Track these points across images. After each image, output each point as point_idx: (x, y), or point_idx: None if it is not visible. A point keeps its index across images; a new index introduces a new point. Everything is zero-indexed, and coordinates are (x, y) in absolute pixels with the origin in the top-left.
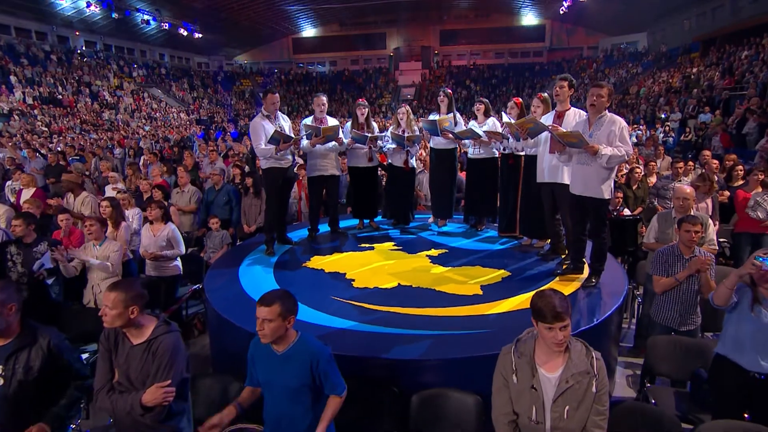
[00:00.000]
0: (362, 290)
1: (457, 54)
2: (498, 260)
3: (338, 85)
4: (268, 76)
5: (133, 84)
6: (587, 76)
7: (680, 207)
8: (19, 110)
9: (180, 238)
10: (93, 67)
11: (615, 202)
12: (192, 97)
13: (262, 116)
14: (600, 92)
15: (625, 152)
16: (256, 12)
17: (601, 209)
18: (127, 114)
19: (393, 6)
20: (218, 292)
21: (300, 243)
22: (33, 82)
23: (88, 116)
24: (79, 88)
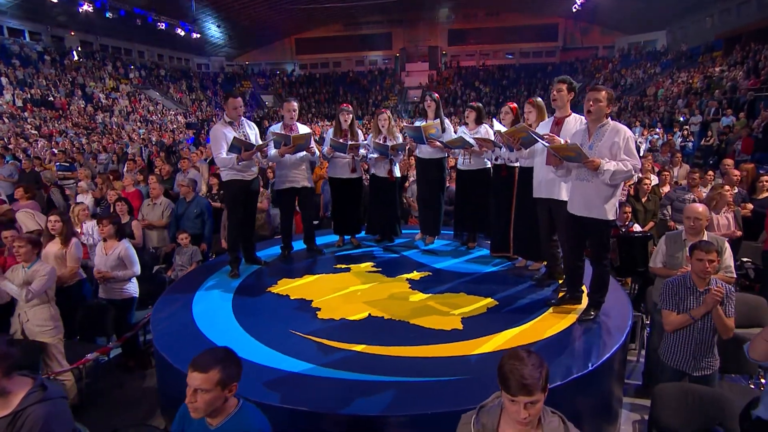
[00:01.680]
0: (326, 322)
1: (466, 54)
2: (486, 286)
3: (341, 86)
4: (269, 78)
5: (130, 86)
6: (602, 77)
7: (691, 228)
8: (8, 113)
9: (134, 256)
10: (88, 69)
11: (623, 217)
12: (190, 99)
13: (223, 123)
14: (597, 96)
15: (632, 167)
16: (257, 11)
17: (603, 232)
18: (122, 117)
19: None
20: (164, 322)
21: (270, 263)
22: (25, 83)
23: (81, 119)
24: (72, 90)
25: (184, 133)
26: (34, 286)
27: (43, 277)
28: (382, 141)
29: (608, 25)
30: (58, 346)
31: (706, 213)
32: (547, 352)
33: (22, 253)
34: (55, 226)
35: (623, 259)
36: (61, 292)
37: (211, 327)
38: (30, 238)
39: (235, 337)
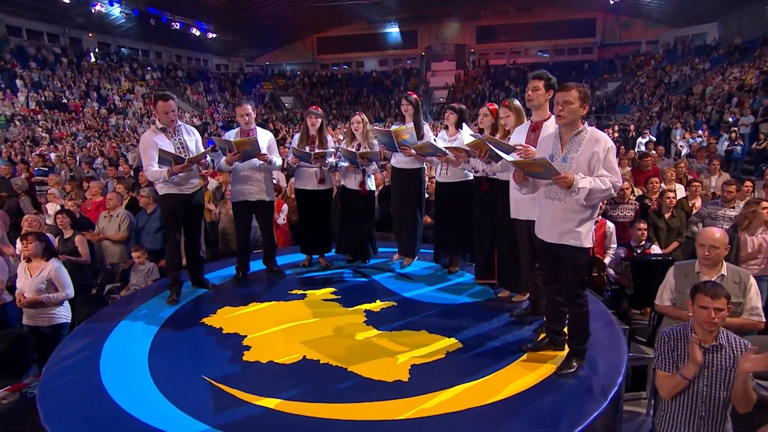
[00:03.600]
0: (249, 367)
1: (496, 52)
2: (454, 322)
3: (365, 87)
4: (290, 79)
5: (146, 87)
6: (644, 75)
7: (705, 258)
8: (20, 115)
9: (65, 278)
10: (104, 70)
11: (637, 235)
12: (207, 101)
13: (154, 129)
14: (567, 97)
15: (612, 184)
16: (277, 10)
17: (578, 263)
18: (136, 119)
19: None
20: (58, 370)
21: (220, 286)
22: (39, 86)
23: (93, 122)
24: (87, 92)
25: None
26: None
27: None
28: (357, 148)
29: (652, 18)
30: None
31: (724, 240)
32: (499, 420)
33: None
34: None
35: (638, 286)
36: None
37: (115, 372)
38: None
39: (135, 384)
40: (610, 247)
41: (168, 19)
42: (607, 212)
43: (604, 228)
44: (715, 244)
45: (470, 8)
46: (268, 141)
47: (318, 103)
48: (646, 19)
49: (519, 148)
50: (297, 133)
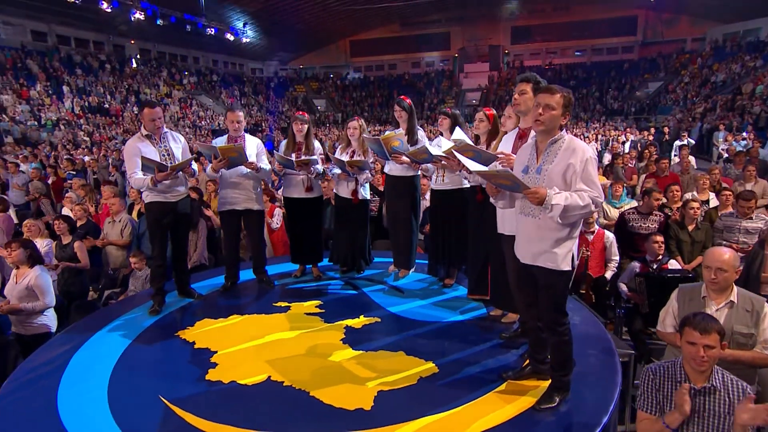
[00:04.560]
0: (209, 387)
1: (530, 53)
2: (437, 342)
3: (396, 89)
4: (323, 81)
5: (183, 91)
6: (689, 74)
7: (712, 282)
8: (65, 120)
9: (47, 286)
10: (144, 75)
11: (653, 249)
12: (241, 105)
13: (139, 136)
14: (549, 101)
15: (591, 200)
16: (311, 14)
17: (555, 287)
18: (172, 122)
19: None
20: (17, 386)
21: (206, 296)
22: (84, 91)
23: (131, 126)
24: (127, 97)
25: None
26: None
27: None
28: (351, 155)
29: (699, 14)
30: None
31: (734, 262)
32: None
33: None
34: None
35: (653, 304)
36: None
37: (73, 390)
38: None
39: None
40: (611, 260)
41: (203, 25)
42: (629, 222)
43: (603, 239)
44: (723, 267)
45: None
46: (256, 148)
47: (350, 105)
48: (691, 15)
49: (501, 157)
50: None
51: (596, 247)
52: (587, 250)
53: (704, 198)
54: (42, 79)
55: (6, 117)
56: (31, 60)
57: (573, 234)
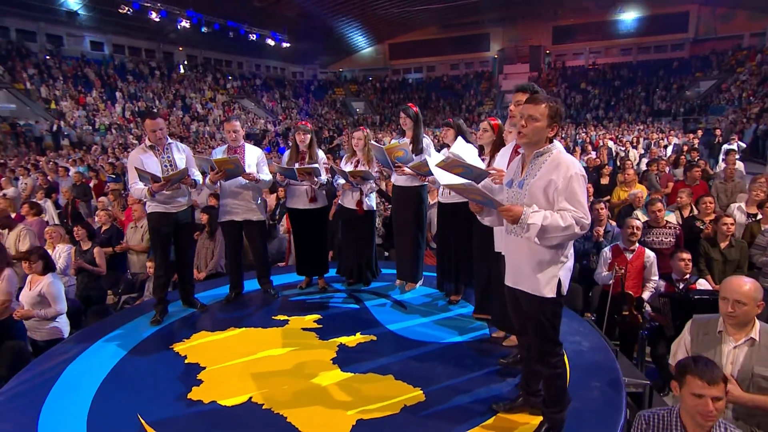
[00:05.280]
0: (189, 406)
1: (573, 53)
2: (430, 366)
3: (434, 92)
4: (361, 84)
5: (226, 96)
6: (746, 71)
7: (729, 316)
8: (116, 124)
9: (58, 293)
10: (191, 81)
11: (679, 267)
12: (281, 108)
13: (143, 148)
14: (533, 112)
15: (575, 221)
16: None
17: (538, 316)
18: (215, 126)
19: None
20: (6, 398)
21: (209, 306)
22: (135, 97)
23: (177, 129)
24: (174, 102)
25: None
26: None
27: None
28: (355, 165)
29: (757, 8)
30: None
31: (756, 294)
32: None
33: None
34: None
35: (679, 328)
36: None
37: (57, 406)
38: None
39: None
40: (650, 280)
41: (246, 31)
42: (642, 237)
43: (642, 257)
44: (742, 299)
45: (547, 9)
46: (256, 158)
47: (388, 108)
48: (748, 9)
49: (492, 173)
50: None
51: (635, 266)
52: (621, 269)
53: (752, 211)
54: (97, 86)
55: (64, 122)
56: (89, 68)
57: (560, 258)
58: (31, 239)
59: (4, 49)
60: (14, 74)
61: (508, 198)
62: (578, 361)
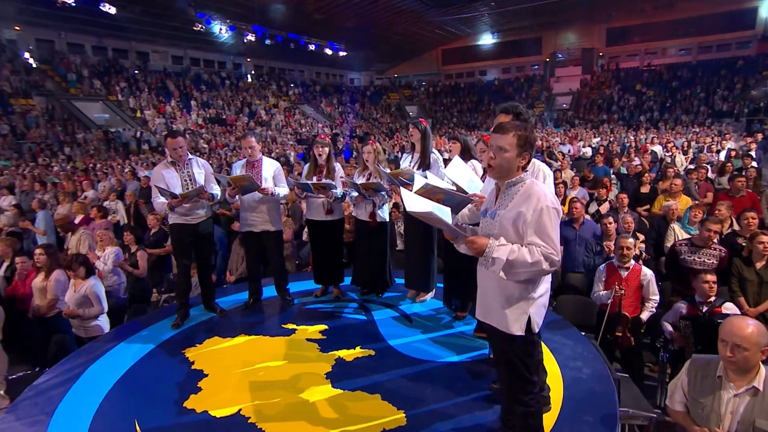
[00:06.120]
0: (182, 415)
1: (627, 54)
2: (420, 387)
3: (486, 95)
4: (415, 89)
5: (288, 102)
6: None
7: (728, 361)
8: (190, 130)
9: (100, 294)
10: (256, 89)
11: (703, 289)
12: (338, 113)
13: (165, 164)
14: (500, 142)
15: (544, 256)
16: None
17: (510, 353)
18: (276, 130)
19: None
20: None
21: (227, 312)
22: (207, 105)
23: (242, 133)
24: (241, 108)
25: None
26: None
27: None
28: (367, 178)
29: None
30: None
31: (760, 338)
32: None
33: None
34: (39, 259)
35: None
36: (42, 322)
37: (69, 407)
38: None
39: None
40: (649, 300)
41: (305, 42)
42: (680, 255)
43: (638, 276)
44: (743, 344)
45: (600, 10)
46: (273, 171)
47: (440, 112)
48: None
49: (475, 200)
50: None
51: (631, 285)
52: (621, 289)
53: None
54: (176, 96)
55: (146, 129)
56: (169, 80)
57: (530, 294)
58: (89, 242)
59: (102, 66)
60: (109, 87)
61: (481, 228)
62: (575, 389)
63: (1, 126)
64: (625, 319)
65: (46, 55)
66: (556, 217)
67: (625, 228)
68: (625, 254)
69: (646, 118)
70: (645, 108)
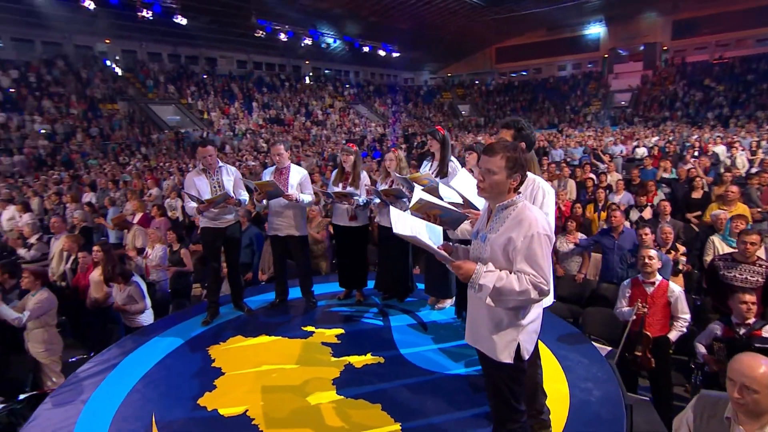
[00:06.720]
0: (195, 411)
1: (695, 48)
2: (420, 399)
3: (540, 93)
4: (468, 88)
5: (343, 102)
6: None
7: (737, 403)
8: (251, 130)
9: (143, 292)
10: (313, 90)
11: (740, 310)
12: (391, 112)
13: (197, 171)
14: (488, 164)
15: (533, 285)
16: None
17: (498, 379)
18: (331, 130)
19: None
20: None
21: (256, 311)
22: (267, 106)
23: (299, 133)
24: (299, 109)
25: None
26: (33, 312)
27: (36, 306)
28: (390, 185)
29: None
30: (51, 366)
31: None
32: None
33: (26, 282)
34: (97, 255)
35: None
36: (99, 312)
37: (102, 397)
38: (34, 271)
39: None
40: (678, 318)
41: (359, 44)
42: (719, 270)
43: (665, 292)
44: (752, 385)
45: (665, 2)
46: (300, 178)
47: (493, 110)
48: None
49: (471, 217)
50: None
51: (657, 302)
52: (644, 306)
53: None
54: (240, 98)
55: (212, 129)
56: (234, 83)
57: (521, 321)
58: (143, 238)
59: (176, 72)
60: (181, 92)
61: (472, 250)
62: (580, 413)
63: (92, 129)
64: (646, 339)
65: (130, 63)
66: (548, 244)
67: (663, 239)
68: (646, 264)
69: (714, 114)
70: (713, 104)
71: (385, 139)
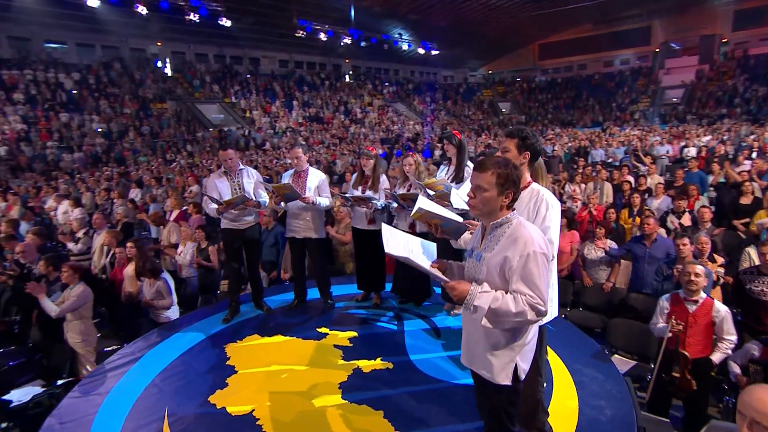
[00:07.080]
0: (204, 407)
1: (760, 39)
2: (424, 409)
3: (585, 90)
4: (509, 85)
5: (382, 100)
6: None
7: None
8: (291, 128)
9: (171, 288)
10: (353, 88)
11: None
12: (430, 110)
13: (218, 173)
14: (479, 181)
15: (530, 306)
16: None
17: (495, 401)
18: (369, 128)
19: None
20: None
21: (275, 311)
22: (307, 104)
23: (338, 131)
24: (338, 107)
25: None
26: (69, 304)
27: (72, 299)
28: (408, 189)
29: None
30: (87, 355)
31: None
32: None
33: (65, 276)
34: (130, 252)
35: None
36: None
37: (120, 392)
38: (73, 265)
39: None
40: (722, 339)
41: (398, 42)
42: (745, 284)
43: (710, 311)
44: (763, 421)
45: None
46: (318, 182)
47: (534, 108)
48: None
49: (470, 227)
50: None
51: (700, 322)
52: (679, 323)
53: None
54: (281, 96)
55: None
56: (275, 82)
57: (519, 341)
58: (177, 234)
59: (221, 72)
60: (225, 91)
61: (467, 269)
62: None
63: (143, 127)
64: (684, 359)
65: (179, 64)
66: (545, 262)
67: (699, 249)
68: (693, 281)
69: None
70: None
71: (420, 138)
